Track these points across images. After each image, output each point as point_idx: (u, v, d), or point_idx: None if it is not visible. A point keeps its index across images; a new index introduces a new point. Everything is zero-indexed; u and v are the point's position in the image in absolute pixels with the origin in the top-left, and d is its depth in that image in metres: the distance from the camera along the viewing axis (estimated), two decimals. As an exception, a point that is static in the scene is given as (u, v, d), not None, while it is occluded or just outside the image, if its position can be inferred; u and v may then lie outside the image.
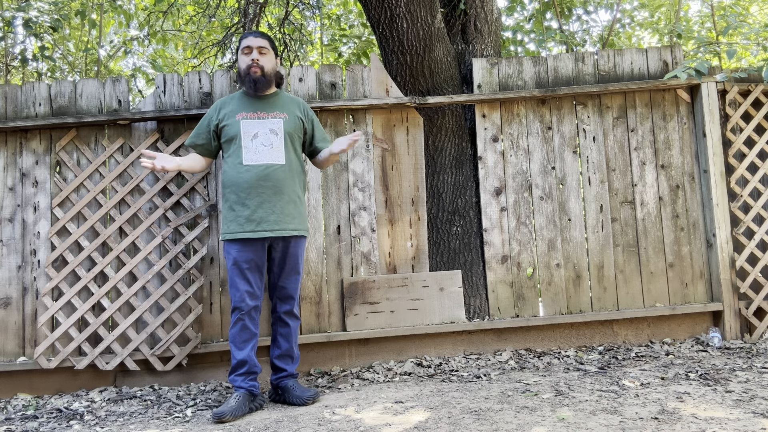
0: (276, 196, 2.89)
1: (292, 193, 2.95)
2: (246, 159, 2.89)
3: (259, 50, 2.97)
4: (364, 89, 3.76)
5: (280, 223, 2.89)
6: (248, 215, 2.87)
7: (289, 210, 2.92)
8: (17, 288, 3.46)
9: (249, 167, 2.88)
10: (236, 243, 2.89)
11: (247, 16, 5.67)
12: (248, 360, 2.85)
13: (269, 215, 2.87)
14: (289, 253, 2.96)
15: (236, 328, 2.87)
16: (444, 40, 4.01)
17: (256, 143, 2.91)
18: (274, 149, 2.92)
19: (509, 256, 3.76)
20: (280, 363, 2.99)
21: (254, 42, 2.98)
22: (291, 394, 2.92)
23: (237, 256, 2.88)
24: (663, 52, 3.94)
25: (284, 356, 3.00)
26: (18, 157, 3.55)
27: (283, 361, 3.00)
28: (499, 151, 3.82)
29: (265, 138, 2.93)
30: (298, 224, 2.97)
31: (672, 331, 3.81)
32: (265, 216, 2.87)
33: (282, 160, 2.92)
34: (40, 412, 3.06)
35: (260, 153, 2.90)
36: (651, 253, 3.81)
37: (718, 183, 3.77)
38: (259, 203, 2.87)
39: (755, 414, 2.28)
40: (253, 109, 2.98)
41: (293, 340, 3.02)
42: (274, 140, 2.93)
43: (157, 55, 7.89)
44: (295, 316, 3.02)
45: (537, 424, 2.28)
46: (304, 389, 2.94)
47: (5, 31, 5.35)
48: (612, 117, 3.89)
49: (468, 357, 3.59)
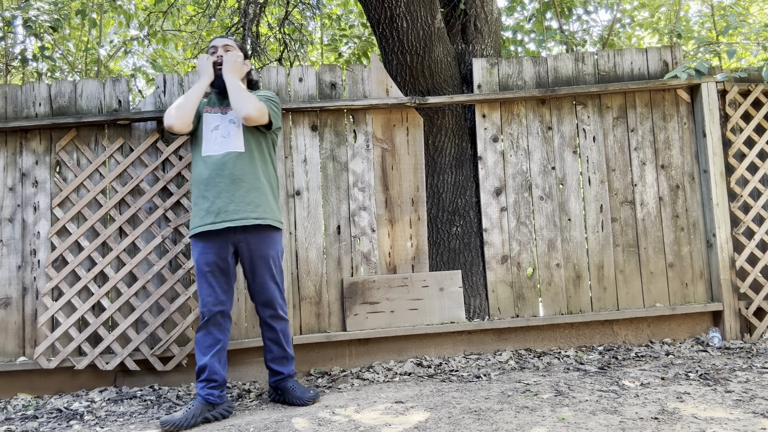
0: (234, 185, 2.75)
1: (255, 180, 2.80)
2: (205, 150, 2.82)
3: (224, 47, 2.93)
4: (364, 89, 3.76)
5: (240, 213, 2.73)
6: (207, 207, 2.74)
7: (251, 198, 2.77)
8: (17, 288, 3.46)
9: (207, 158, 2.80)
10: (199, 241, 2.77)
11: (247, 16, 5.67)
12: (208, 367, 2.74)
13: (228, 205, 2.73)
14: (256, 249, 2.79)
15: (200, 333, 2.78)
16: (444, 40, 4.01)
17: (215, 134, 2.84)
18: (231, 138, 2.82)
19: (509, 256, 3.76)
20: (276, 366, 2.93)
21: (219, 42, 2.96)
22: (290, 395, 2.88)
23: (198, 258, 2.78)
24: (663, 52, 3.94)
25: (278, 359, 2.92)
26: (18, 157, 3.55)
27: (277, 363, 2.93)
28: (499, 151, 3.82)
29: (224, 129, 2.85)
30: (262, 212, 2.79)
31: (672, 331, 3.81)
32: (223, 206, 2.72)
33: (241, 148, 2.80)
34: (40, 412, 3.06)
35: (219, 143, 2.81)
36: (651, 253, 3.81)
37: (718, 183, 3.77)
38: (217, 193, 2.74)
39: (755, 414, 2.28)
40: (219, 105, 2.93)
41: (284, 341, 2.91)
42: (232, 129, 2.84)
43: (157, 55, 7.89)
44: (280, 318, 2.89)
45: (537, 424, 2.28)
46: (305, 389, 2.90)
47: (5, 31, 5.35)
48: (612, 117, 3.89)
49: (468, 357, 3.59)
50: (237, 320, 3.53)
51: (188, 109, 2.79)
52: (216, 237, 2.75)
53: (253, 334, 3.54)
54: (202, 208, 2.75)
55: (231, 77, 2.84)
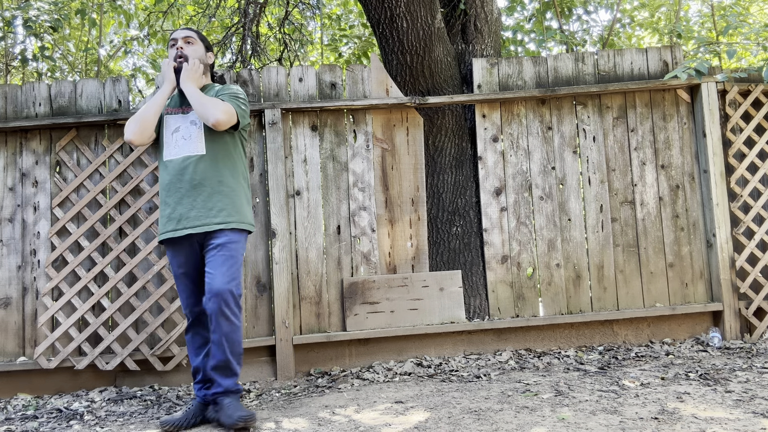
0: (196, 190, 2.62)
1: (218, 184, 2.64)
2: (166, 155, 2.69)
3: (184, 40, 2.77)
4: (364, 89, 3.76)
5: (201, 219, 2.60)
6: (169, 214, 2.65)
7: (213, 203, 2.62)
8: (17, 288, 3.46)
9: (168, 163, 2.68)
10: (167, 246, 2.71)
11: (247, 16, 5.67)
12: (202, 368, 2.69)
13: (189, 211, 2.61)
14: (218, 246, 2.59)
15: (189, 335, 2.74)
16: (444, 40, 4.01)
17: (176, 137, 2.69)
18: (192, 140, 2.67)
19: (509, 256, 3.76)
20: (215, 375, 2.57)
21: (179, 34, 2.79)
22: (222, 413, 2.51)
23: (171, 262, 2.72)
24: (663, 52, 3.94)
25: (219, 368, 2.56)
26: (18, 157, 3.55)
27: (219, 373, 2.56)
28: (499, 151, 3.82)
29: (185, 131, 2.69)
30: (226, 216, 2.63)
31: (672, 331, 3.81)
32: (184, 212, 2.61)
33: (201, 150, 2.65)
34: (40, 412, 3.06)
35: (179, 146, 2.67)
36: (651, 253, 3.81)
37: (718, 183, 3.77)
38: (178, 199, 2.63)
39: (755, 414, 2.28)
40: (180, 104, 2.76)
41: (228, 348, 2.53)
42: (193, 131, 2.68)
43: (157, 55, 7.89)
44: (225, 316, 2.51)
45: (537, 424, 2.28)
46: (239, 408, 2.50)
47: (5, 31, 5.35)
48: (612, 117, 3.88)
49: (468, 357, 3.59)
50: (237, 320, 3.53)
51: (149, 121, 2.66)
52: (181, 243, 2.66)
53: (252, 334, 3.54)
54: (164, 214, 2.67)
55: (189, 85, 2.67)
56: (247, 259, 3.58)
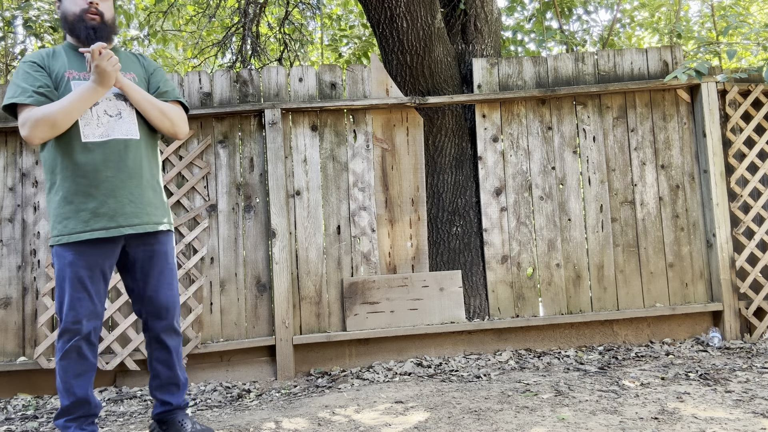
0: (132, 181, 2.22)
1: (151, 177, 2.30)
2: (86, 134, 2.18)
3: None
4: (364, 89, 3.76)
5: (141, 216, 2.23)
6: (95, 208, 2.17)
7: (149, 198, 2.27)
8: (17, 288, 3.46)
9: (92, 145, 2.18)
10: (81, 246, 2.17)
11: (247, 16, 5.67)
12: (89, 399, 2.21)
13: (125, 206, 2.20)
14: (156, 252, 2.30)
15: (70, 359, 2.16)
16: (444, 40, 4.01)
17: (97, 112, 2.21)
18: (123, 120, 2.24)
19: (509, 256, 3.76)
20: (162, 395, 2.36)
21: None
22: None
23: (74, 261, 2.16)
24: (663, 52, 3.94)
25: (166, 386, 2.35)
26: (18, 157, 3.55)
27: (165, 392, 2.36)
28: (499, 151, 3.82)
29: (110, 106, 2.23)
30: (161, 216, 2.31)
31: (672, 331, 3.81)
32: (119, 208, 2.19)
33: (136, 134, 2.25)
34: (40, 412, 3.06)
35: (106, 126, 2.21)
36: (651, 253, 3.81)
37: (718, 183, 3.77)
38: (110, 191, 2.18)
39: (755, 414, 2.28)
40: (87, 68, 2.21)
41: (175, 363, 2.35)
42: (123, 108, 2.25)
43: (157, 55, 7.89)
44: (175, 332, 2.35)
45: (537, 424, 2.28)
46: (195, 424, 2.34)
47: (5, 31, 5.35)
48: (612, 117, 3.89)
49: (468, 357, 3.59)
50: (237, 320, 3.53)
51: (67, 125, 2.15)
52: (104, 243, 2.21)
53: (253, 334, 3.54)
54: (86, 208, 2.17)
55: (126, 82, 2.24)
56: (247, 259, 3.58)
